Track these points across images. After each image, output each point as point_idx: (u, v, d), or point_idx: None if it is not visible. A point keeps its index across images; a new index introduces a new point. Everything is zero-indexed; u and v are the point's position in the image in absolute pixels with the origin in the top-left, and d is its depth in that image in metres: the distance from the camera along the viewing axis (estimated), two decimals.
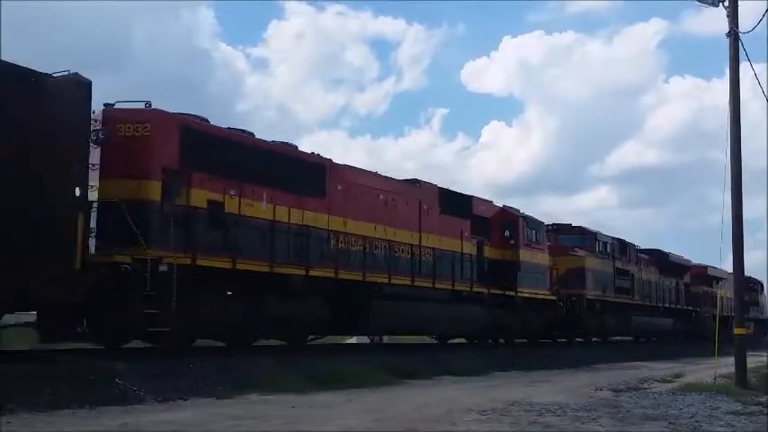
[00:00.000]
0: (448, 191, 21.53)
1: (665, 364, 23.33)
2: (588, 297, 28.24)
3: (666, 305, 36.87)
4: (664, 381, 16.97)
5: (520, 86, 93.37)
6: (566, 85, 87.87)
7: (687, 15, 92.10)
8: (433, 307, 19.73)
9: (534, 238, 24.71)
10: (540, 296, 24.78)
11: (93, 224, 12.60)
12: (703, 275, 42.31)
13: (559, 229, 29.15)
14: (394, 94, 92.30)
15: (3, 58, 11.10)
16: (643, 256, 35.54)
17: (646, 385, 15.70)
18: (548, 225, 27.31)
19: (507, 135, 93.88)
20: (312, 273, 15.96)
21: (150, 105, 13.58)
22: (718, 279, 40.32)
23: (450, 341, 24.12)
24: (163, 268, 12.89)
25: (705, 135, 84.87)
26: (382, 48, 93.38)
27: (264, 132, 14.78)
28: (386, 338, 22.71)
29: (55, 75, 11.86)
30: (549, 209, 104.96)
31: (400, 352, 18.84)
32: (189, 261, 13.37)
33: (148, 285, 12.53)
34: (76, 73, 11.99)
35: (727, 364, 16.97)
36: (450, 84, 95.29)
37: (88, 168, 12.01)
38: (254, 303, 14.85)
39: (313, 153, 17.37)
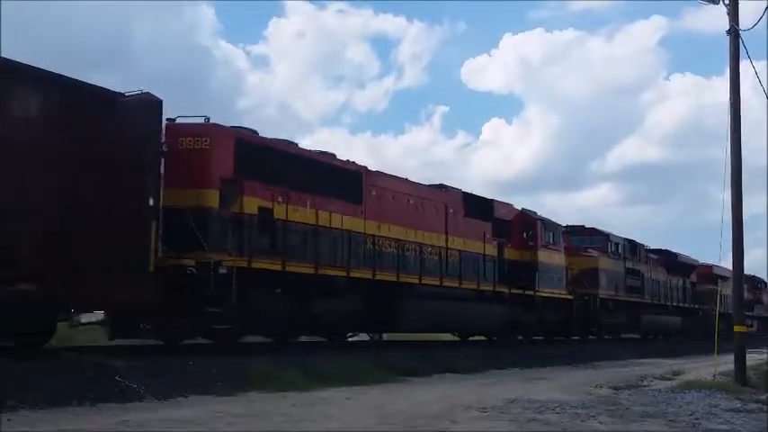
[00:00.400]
0: (471, 195, 22.67)
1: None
2: (601, 296, 29.38)
3: (674, 304, 37.99)
4: (663, 378, 17.14)
5: (520, 84, 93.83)
6: (566, 83, 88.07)
7: (688, 13, 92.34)
8: (459, 306, 20.84)
9: (551, 240, 25.83)
10: (557, 295, 25.89)
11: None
12: (709, 275, 43.38)
13: (573, 231, 30.26)
14: (394, 92, 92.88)
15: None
16: (652, 255, 36.70)
17: (645, 383, 15.86)
18: (562, 226, 28.40)
19: (508, 132, 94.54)
20: (352, 274, 17.09)
21: (209, 120, 14.69)
22: (723, 278, 41.37)
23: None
24: (223, 270, 13.97)
25: (706, 132, 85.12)
26: (383, 45, 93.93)
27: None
28: (385, 336, 23.12)
29: (127, 94, 12.99)
30: (550, 206, 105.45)
31: (400, 349, 19.07)
32: (245, 264, 14.48)
33: (211, 286, 13.65)
34: (148, 92, 13.08)
35: (727, 362, 17.12)
36: (450, 81, 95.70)
37: (160, 180, 13.11)
38: (301, 302, 15.97)
39: (349, 161, 18.48)
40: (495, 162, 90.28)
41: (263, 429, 8.56)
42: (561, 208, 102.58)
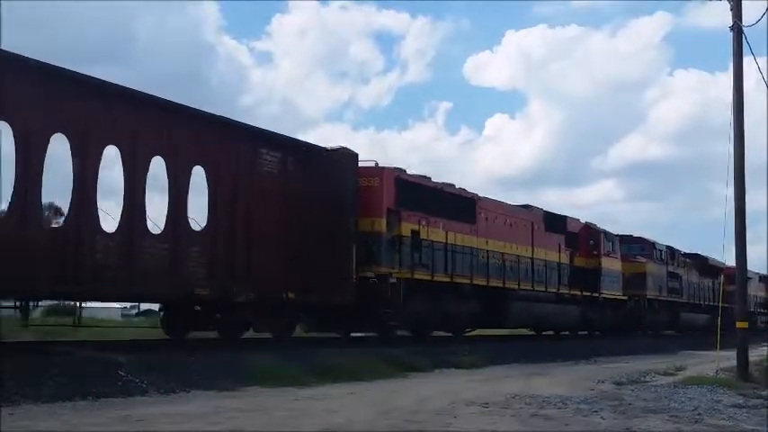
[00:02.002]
0: (549, 213, 26.98)
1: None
2: (649, 297, 33.73)
3: (705, 303, 42.18)
4: (666, 374, 17.24)
5: (523, 80, 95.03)
6: (569, 79, 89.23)
7: (691, 9, 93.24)
8: (546, 306, 25.27)
9: (611, 249, 30.18)
10: (615, 296, 30.24)
11: None
12: (734, 276, 47.38)
13: (623, 239, 34.44)
14: (398, 88, 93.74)
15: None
16: (687, 260, 40.89)
17: (648, 378, 15.96)
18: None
19: (510, 128, 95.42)
20: (474, 281, 21.44)
21: (377, 164, 18.96)
22: (747, 279, 45.28)
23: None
24: (393, 280, 18.30)
25: (709, 128, 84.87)
26: (386, 41, 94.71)
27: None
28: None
29: (329, 148, 17.36)
30: (552, 202, 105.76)
31: (401, 345, 19.06)
32: (409, 275, 18.80)
33: (387, 292, 17.94)
34: (346, 147, 17.50)
35: (730, 357, 17.07)
36: (453, 77, 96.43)
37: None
38: (440, 304, 20.30)
39: (464, 189, 22.74)
40: (497, 158, 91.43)
41: (266, 424, 8.50)
42: (564, 204, 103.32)
